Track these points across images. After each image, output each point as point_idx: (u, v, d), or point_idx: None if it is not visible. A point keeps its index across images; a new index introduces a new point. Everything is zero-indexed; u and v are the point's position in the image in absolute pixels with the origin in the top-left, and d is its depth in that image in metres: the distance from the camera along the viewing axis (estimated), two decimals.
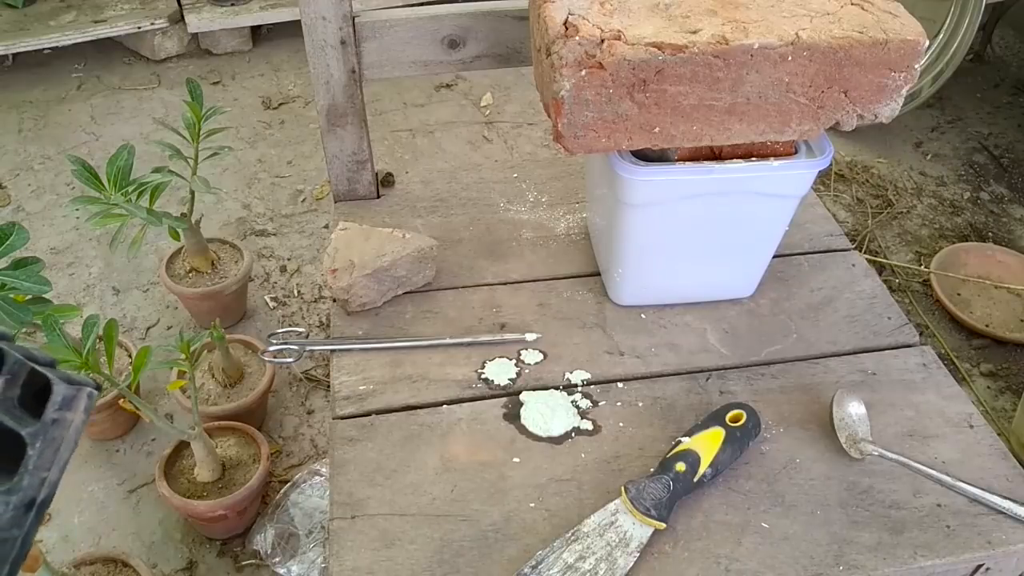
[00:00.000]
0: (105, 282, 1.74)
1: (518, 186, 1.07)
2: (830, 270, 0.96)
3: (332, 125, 0.96)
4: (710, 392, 0.82)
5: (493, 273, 0.94)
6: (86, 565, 1.15)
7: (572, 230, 1.00)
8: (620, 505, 0.69)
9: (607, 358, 0.85)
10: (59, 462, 0.42)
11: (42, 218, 1.89)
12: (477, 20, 0.92)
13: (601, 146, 0.73)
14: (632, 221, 0.81)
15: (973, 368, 1.60)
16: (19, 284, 0.89)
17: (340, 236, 0.90)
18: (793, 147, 0.80)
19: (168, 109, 2.22)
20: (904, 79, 0.72)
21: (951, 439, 0.78)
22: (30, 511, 0.41)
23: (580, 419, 0.78)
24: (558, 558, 0.66)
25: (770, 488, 0.73)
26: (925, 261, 1.81)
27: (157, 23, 2.29)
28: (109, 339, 0.97)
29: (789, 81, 0.71)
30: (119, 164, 1.16)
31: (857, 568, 0.67)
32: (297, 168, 2.05)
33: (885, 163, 2.10)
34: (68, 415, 0.42)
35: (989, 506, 0.72)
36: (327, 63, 0.91)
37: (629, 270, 0.87)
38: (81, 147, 2.09)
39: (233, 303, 1.60)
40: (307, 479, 1.31)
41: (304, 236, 1.86)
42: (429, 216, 1.02)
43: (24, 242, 0.89)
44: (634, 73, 0.68)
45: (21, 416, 0.41)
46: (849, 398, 0.78)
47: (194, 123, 1.30)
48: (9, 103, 2.24)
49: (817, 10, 0.72)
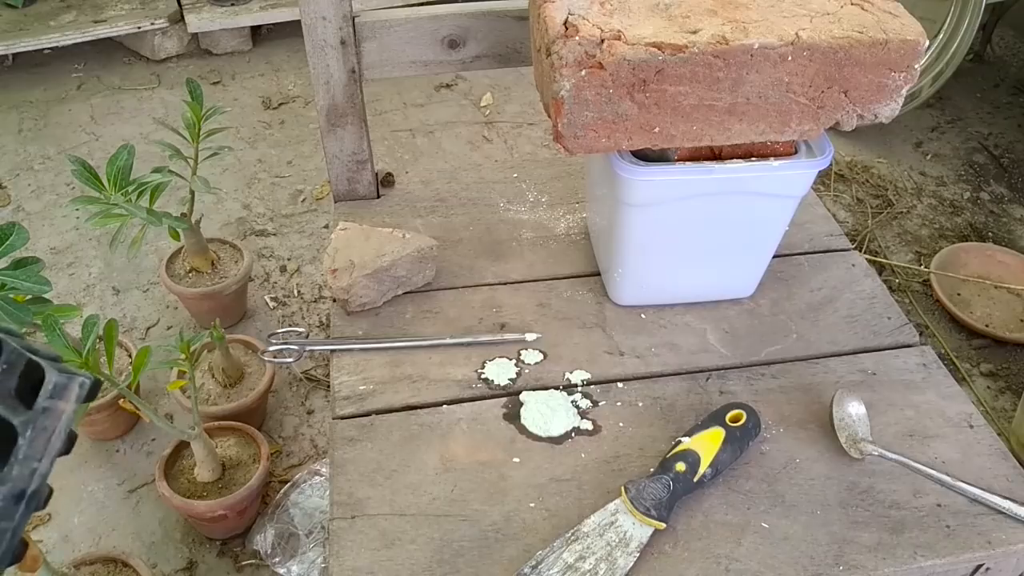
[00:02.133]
0: (105, 282, 1.74)
1: (518, 186, 1.07)
2: (830, 270, 0.96)
3: (332, 125, 0.96)
4: (710, 392, 0.82)
5: (493, 273, 0.94)
6: (86, 565, 1.15)
7: (572, 230, 1.00)
8: (620, 505, 0.69)
9: (607, 358, 0.85)
10: (50, 452, 0.42)
11: (42, 218, 1.89)
12: (477, 20, 0.92)
13: (601, 146, 0.73)
14: (632, 221, 0.81)
15: (973, 368, 1.60)
16: (19, 284, 0.89)
17: (340, 236, 0.90)
18: (793, 147, 0.80)
19: (168, 109, 2.22)
20: (904, 79, 0.72)
21: (951, 439, 0.78)
22: (20, 502, 0.41)
23: (580, 419, 0.78)
24: (558, 558, 0.66)
25: (770, 488, 0.73)
26: (925, 261, 1.81)
27: (157, 23, 2.29)
28: (109, 339, 0.97)
29: (789, 81, 0.71)
30: (119, 164, 1.16)
31: (857, 568, 0.67)
32: (297, 168, 2.05)
33: (885, 163, 2.10)
34: (59, 404, 0.41)
35: (989, 506, 0.72)
36: (327, 63, 0.91)
37: (629, 270, 0.87)
38: (81, 147, 2.09)
39: (233, 303, 1.60)
40: (307, 479, 1.31)
41: (304, 236, 1.86)
42: (429, 216, 1.02)
43: (24, 242, 0.89)
44: (634, 73, 0.68)
45: (15, 406, 0.41)
46: (849, 398, 0.78)
47: (194, 123, 1.30)
48: (9, 103, 2.24)
49: (817, 10, 0.72)
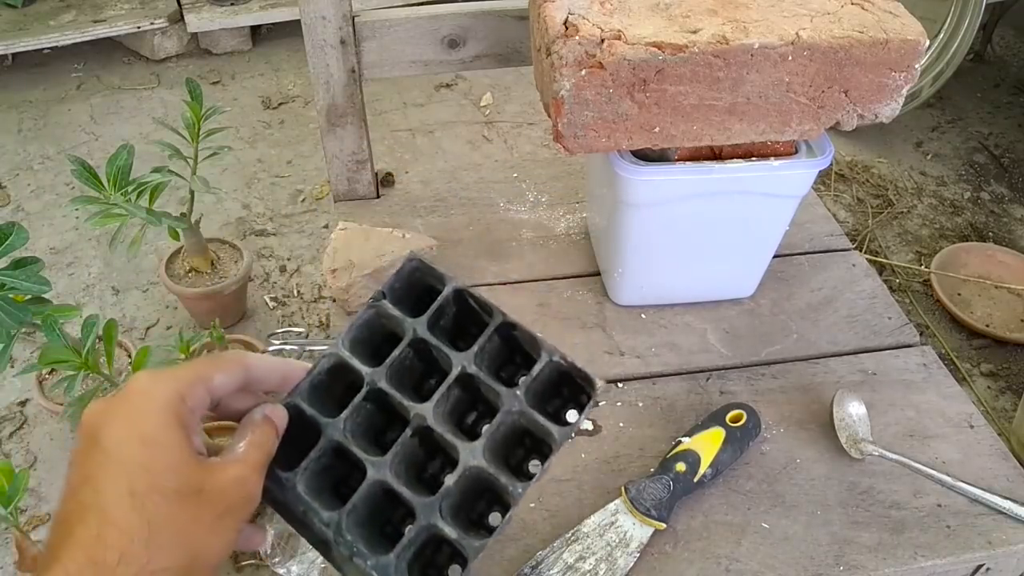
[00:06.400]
0: (105, 282, 1.74)
1: (518, 186, 1.07)
2: (830, 270, 0.96)
3: (332, 125, 0.96)
4: (710, 392, 0.81)
5: (493, 273, 0.94)
6: None
7: (572, 230, 1.00)
8: (620, 505, 0.69)
9: (607, 358, 0.85)
10: None
11: (42, 218, 1.89)
12: (477, 20, 0.92)
13: (601, 146, 0.73)
14: (632, 221, 0.81)
15: (973, 368, 1.60)
16: (19, 284, 0.88)
17: (340, 236, 0.90)
18: (793, 147, 0.80)
19: (168, 109, 2.22)
20: (904, 79, 0.72)
21: (951, 439, 0.78)
22: None
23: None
24: (558, 558, 0.66)
25: (770, 488, 0.73)
26: (925, 261, 1.81)
27: (157, 23, 2.29)
28: (108, 339, 0.97)
29: (789, 81, 0.71)
30: (119, 164, 1.16)
31: (857, 568, 0.67)
32: (297, 168, 2.05)
33: (885, 163, 2.10)
34: None
35: (989, 506, 0.71)
36: (327, 63, 0.91)
37: (629, 270, 0.86)
38: (81, 147, 2.09)
39: (233, 303, 1.60)
40: None
41: (304, 236, 1.86)
42: (429, 216, 1.02)
43: (24, 242, 0.89)
44: (634, 73, 0.68)
45: None
46: (849, 398, 0.77)
47: (194, 123, 1.29)
48: (9, 103, 2.24)
49: (817, 10, 0.72)
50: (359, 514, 0.46)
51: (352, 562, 0.44)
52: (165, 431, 0.40)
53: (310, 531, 0.46)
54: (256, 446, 0.44)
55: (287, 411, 0.47)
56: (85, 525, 0.37)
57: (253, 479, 0.43)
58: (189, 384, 0.42)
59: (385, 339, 0.51)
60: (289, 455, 0.46)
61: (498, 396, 0.48)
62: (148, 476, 0.38)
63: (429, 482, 0.48)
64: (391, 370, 0.49)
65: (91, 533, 0.37)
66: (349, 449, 0.47)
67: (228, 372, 0.44)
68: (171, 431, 0.40)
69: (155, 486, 0.38)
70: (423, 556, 0.46)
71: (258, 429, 0.44)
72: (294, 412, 0.47)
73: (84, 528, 0.37)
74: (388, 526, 0.47)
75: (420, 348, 0.50)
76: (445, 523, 0.45)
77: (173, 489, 0.39)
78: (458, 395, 0.49)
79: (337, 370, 0.49)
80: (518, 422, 0.48)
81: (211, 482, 0.40)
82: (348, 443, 0.47)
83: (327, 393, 0.49)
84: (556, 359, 0.48)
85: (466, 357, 0.49)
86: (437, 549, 0.47)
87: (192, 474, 0.40)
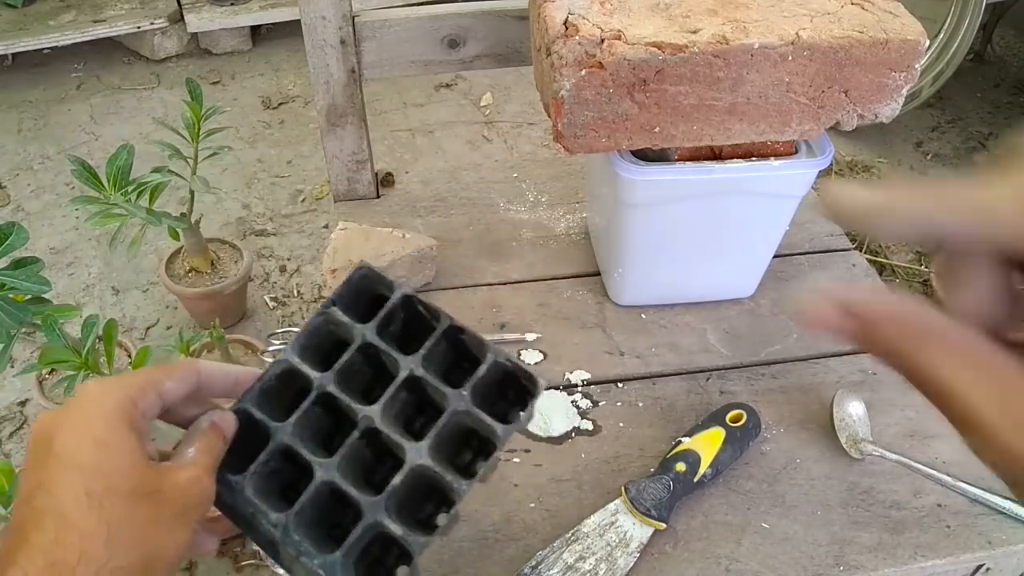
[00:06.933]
0: (105, 282, 1.74)
1: (518, 186, 1.07)
2: (830, 270, 0.96)
3: (332, 125, 0.96)
4: (710, 392, 0.81)
5: (493, 273, 0.94)
6: None
7: (572, 230, 1.00)
8: (620, 505, 0.69)
9: (607, 358, 0.85)
10: None
11: (42, 218, 1.89)
12: (477, 20, 0.92)
13: (601, 146, 0.73)
14: (632, 221, 0.81)
15: None
16: (19, 284, 0.88)
17: (340, 236, 0.90)
18: (793, 147, 0.80)
19: (168, 109, 2.22)
20: (904, 79, 0.72)
21: (951, 439, 0.78)
22: None
23: (580, 419, 0.78)
24: (558, 558, 0.66)
25: (770, 488, 0.73)
26: (925, 261, 1.81)
27: (157, 23, 2.29)
28: (108, 339, 0.97)
29: (789, 81, 0.71)
30: (118, 164, 1.16)
31: (857, 568, 0.67)
32: (297, 168, 2.05)
33: (885, 163, 2.10)
34: None
35: (989, 506, 0.71)
36: (327, 63, 0.91)
37: (629, 270, 0.86)
38: (81, 147, 2.09)
39: (233, 303, 1.60)
40: None
41: (304, 236, 1.86)
42: (429, 216, 1.02)
43: (24, 242, 0.89)
44: (634, 73, 0.68)
45: None
46: (849, 398, 0.77)
47: (194, 123, 1.29)
48: (9, 103, 2.24)
49: (817, 10, 0.72)
50: (307, 515, 0.46)
51: (299, 562, 0.45)
52: (117, 435, 0.40)
53: (258, 533, 0.46)
54: (204, 452, 0.45)
55: (237, 416, 0.48)
56: (42, 530, 0.37)
57: (206, 480, 0.44)
58: (140, 390, 0.43)
59: (335, 346, 0.51)
60: (239, 459, 0.47)
61: (444, 398, 0.48)
62: (103, 478, 0.39)
63: (378, 485, 0.48)
64: (340, 375, 0.49)
65: (48, 537, 0.37)
66: (298, 451, 0.47)
67: (179, 378, 0.45)
68: (123, 435, 0.40)
69: (111, 487, 0.39)
70: (371, 556, 0.47)
71: (205, 436, 0.45)
72: (244, 417, 0.48)
73: (40, 533, 0.37)
74: (337, 528, 0.47)
75: (369, 353, 0.50)
76: (391, 520, 0.45)
77: (129, 490, 0.39)
78: (405, 398, 0.50)
79: (287, 376, 0.50)
80: (463, 421, 0.48)
81: (167, 483, 0.41)
82: (297, 445, 0.47)
83: (277, 399, 0.50)
84: (501, 360, 0.48)
85: (414, 360, 0.49)
86: (386, 550, 0.47)
87: (147, 476, 0.40)
